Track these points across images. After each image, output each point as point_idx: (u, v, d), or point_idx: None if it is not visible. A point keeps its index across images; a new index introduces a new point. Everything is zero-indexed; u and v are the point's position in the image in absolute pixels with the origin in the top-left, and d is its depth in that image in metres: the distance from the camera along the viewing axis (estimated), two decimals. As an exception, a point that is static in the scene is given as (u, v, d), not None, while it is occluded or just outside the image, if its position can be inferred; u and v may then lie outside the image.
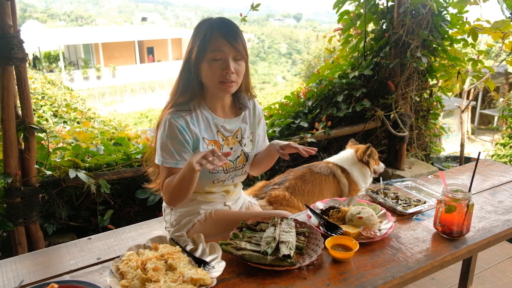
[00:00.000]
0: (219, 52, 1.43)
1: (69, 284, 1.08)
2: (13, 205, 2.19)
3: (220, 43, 1.43)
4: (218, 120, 1.58)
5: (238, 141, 1.64)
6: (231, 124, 1.62)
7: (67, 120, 5.40)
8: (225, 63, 1.44)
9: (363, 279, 1.11)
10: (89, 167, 2.54)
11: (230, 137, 1.61)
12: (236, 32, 1.47)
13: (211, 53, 1.44)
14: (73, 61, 26.49)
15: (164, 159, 1.47)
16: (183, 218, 1.65)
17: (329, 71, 3.88)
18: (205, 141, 1.54)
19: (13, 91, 2.11)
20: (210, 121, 1.56)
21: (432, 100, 4.08)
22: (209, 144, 1.55)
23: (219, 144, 1.58)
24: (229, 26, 1.47)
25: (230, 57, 1.44)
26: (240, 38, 1.47)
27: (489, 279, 2.29)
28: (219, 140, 1.58)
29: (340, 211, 1.44)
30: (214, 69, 1.45)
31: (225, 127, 1.60)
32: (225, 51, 1.43)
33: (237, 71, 1.47)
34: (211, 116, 1.57)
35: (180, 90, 1.53)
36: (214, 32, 1.44)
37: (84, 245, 1.92)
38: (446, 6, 3.48)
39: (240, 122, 1.65)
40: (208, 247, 1.23)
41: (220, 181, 1.60)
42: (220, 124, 1.58)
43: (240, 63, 1.48)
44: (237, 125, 1.64)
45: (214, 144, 1.57)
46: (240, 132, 1.64)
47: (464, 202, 1.29)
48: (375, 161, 2.72)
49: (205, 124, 1.55)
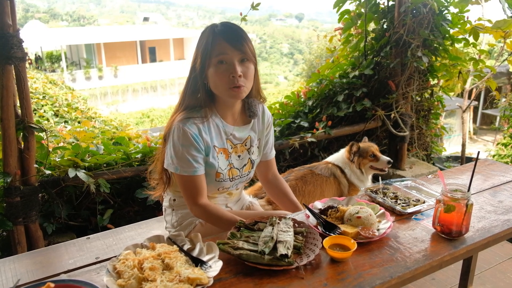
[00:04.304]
0: (224, 55, 1.39)
1: (66, 283, 1.08)
2: (13, 205, 2.19)
3: (223, 46, 1.39)
4: (228, 127, 1.54)
5: (246, 149, 1.61)
6: (241, 132, 1.58)
7: (68, 120, 5.41)
8: (231, 66, 1.39)
9: (361, 279, 1.11)
10: (88, 167, 2.54)
11: (239, 145, 1.58)
12: (240, 34, 1.42)
13: (215, 58, 1.39)
14: (75, 61, 26.54)
15: (182, 168, 1.43)
16: (184, 219, 1.64)
17: (329, 70, 3.87)
18: (216, 149, 1.51)
19: (13, 90, 2.11)
20: (220, 128, 1.53)
21: (433, 100, 4.06)
22: (219, 152, 1.52)
23: (228, 152, 1.55)
24: (232, 29, 1.44)
25: (235, 60, 1.39)
26: (245, 40, 1.42)
27: (489, 280, 2.28)
28: (228, 148, 1.55)
29: (338, 210, 1.43)
30: (220, 75, 1.40)
31: (235, 135, 1.56)
32: (230, 54, 1.39)
33: (245, 74, 1.42)
34: (221, 123, 1.53)
35: (187, 100, 1.49)
36: (217, 36, 1.40)
37: (82, 245, 1.92)
38: (447, 6, 3.47)
39: (249, 130, 1.62)
40: (206, 246, 1.22)
41: (225, 188, 1.59)
42: (229, 132, 1.55)
43: (247, 65, 1.43)
44: (247, 133, 1.60)
45: (223, 152, 1.54)
46: (250, 140, 1.61)
47: (463, 201, 1.28)
48: (367, 158, 2.64)
49: (216, 131, 1.51)
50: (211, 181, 1.52)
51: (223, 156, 1.53)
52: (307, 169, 2.59)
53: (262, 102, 1.66)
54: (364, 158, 2.63)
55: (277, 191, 1.77)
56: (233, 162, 1.57)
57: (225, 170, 1.54)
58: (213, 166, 1.50)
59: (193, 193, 1.45)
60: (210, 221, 1.49)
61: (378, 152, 2.68)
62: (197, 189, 1.45)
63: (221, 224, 1.45)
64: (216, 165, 1.50)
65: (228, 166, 1.55)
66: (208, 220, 1.50)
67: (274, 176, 1.78)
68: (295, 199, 1.74)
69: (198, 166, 1.44)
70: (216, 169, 1.51)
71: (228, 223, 1.42)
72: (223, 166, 1.53)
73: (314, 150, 3.65)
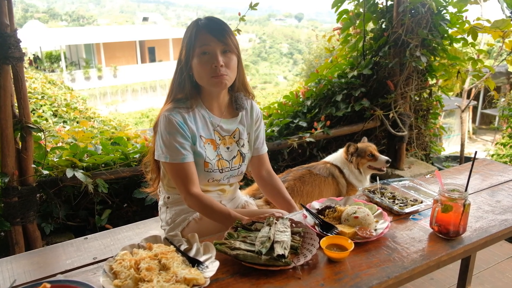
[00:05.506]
0: (207, 46, 1.46)
1: (62, 284, 1.07)
2: (10, 205, 2.19)
3: (206, 38, 1.46)
4: (214, 119, 1.59)
5: (235, 141, 1.64)
6: (228, 124, 1.62)
7: (66, 120, 5.41)
8: (213, 57, 1.45)
9: (358, 279, 1.11)
10: (86, 167, 2.54)
11: (227, 136, 1.62)
12: (222, 27, 1.49)
13: (199, 48, 1.46)
14: (74, 61, 26.52)
15: (171, 157, 1.46)
16: (178, 216, 1.65)
17: (328, 70, 3.86)
18: (202, 139, 1.55)
19: (10, 90, 2.11)
20: (207, 119, 1.57)
21: (431, 99, 4.06)
22: (206, 143, 1.55)
23: (215, 143, 1.59)
24: (215, 22, 1.50)
25: (218, 50, 1.46)
26: (228, 33, 1.49)
27: (488, 279, 2.28)
28: (215, 139, 1.59)
29: (336, 210, 1.43)
30: (203, 65, 1.46)
31: (222, 127, 1.60)
32: (212, 45, 1.46)
33: (227, 64, 1.47)
34: (207, 114, 1.57)
35: (175, 91, 1.55)
36: (200, 29, 1.48)
37: (80, 245, 1.91)
38: (446, 5, 3.46)
39: (238, 123, 1.65)
40: (202, 246, 1.22)
41: (215, 180, 1.60)
42: (216, 123, 1.59)
43: (229, 56, 1.48)
44: (235, 125, 1.64)
45: (211, 142, 1.57)
46: (238, 132, 1.65)
47: (461, 201, 1.28)
48: (365, 158, 2.63)
49: (202, 122, 1.56)
50: (201, 170, 1.54)
51: (210, 146, 1.57)
52: (306, 169, 2.58)
53: (251, 98, 1.69)
54: (362, 158, 2.63)
55: (271, 188, 1.77)
56: (221, 154, 1.60)
57: (213, 161, 1.56)
58: (200, 155, 1.53)
59: (185, 182, 1.47)
60: (204, 212, 1.51)
61: (376, 151, 2.67)
62: (188, 177, 1.47)
63: (214, 215, 1.47)
64: (204, 154, 1.53)
65: (216, 157, 1.58)
66: (202, 210, 1.51)
67: (268, 173, 1.79)
68: (289, 197, 1.75)
69: (186, 153, 1.47)
70: (204, 158, 1.53)
71: (221, 214, 1.44)
72: (211, 156, 1.56)
73: (312, 150, 3.65)
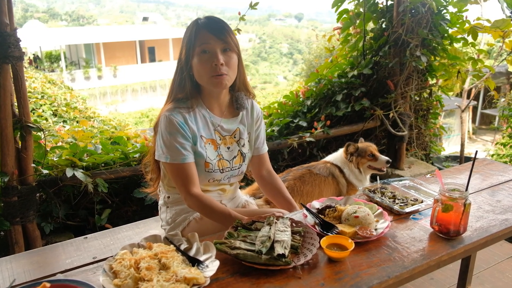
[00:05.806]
0: (206, 45, 1.45)
1: (62, 283, 1.07)
2: (10, 204, 2.18)
3: (206, 36, 1.46)
4: (215, 119, 1.58)
5: (236, 141, 1.63)
6: (229, 124, 1.62)
7: (66, 120, 5.41)
8: (213, 55, 1.45)
9: (358, 279, 1.10)
10: (86, 166, 2.54)
11: (228, 136, 1.61)
12: (222, 26, 1.48)
13: (199, 47, 1.45)
14: (74, 61, 26.51)
15: (172, 157, 1.46)
16: (178, 216, 1.64)
17: (328, 70, 3.86)
18: (203, 139, 1.54)
19: (10, 89, 2.10)
20: (207, 119, 1.57)
21: (431, 99, 4.06)
22: (207, 143, 1.55)
23: (216, 143, 1.58)
24: (215, 21, 1.49)
25: (218, 49, 1.45)
26: (228, 31, 1.48)
27: (488, 279, 2.28)
28: (216, 139, 1.58)
29: (336, 210, 1.43)
30: (203, 63, 1.45)
31: (222, 127, 1.60)
32: (212, 43, 1.45)
33: (228, 63, 1.47)
34: (208, 114, 1.57)
35: (175, 91, 1.54)
36: (200, 28, 1.47)
37: (80, 244, 1.91)
38: (446, 5, 3.46)
39: (238, 123, 1.65)
40: (203, 246, 1.22)
41: (215, 180, 1.60)
42: (217, 123, 1.59)
43: (230, 54, 1.48)
44: (235, 125, 1.64)
45: (211, 142, 1.57)
46: (239, 132, 1.64)
47: (461, 201, 1.28)
48: (365, 158, 2.63)
49: (202, 122, 1.55)
50: (201, 171, 1.54)
51: (211, 146, 1.56)
52: (306, 169, 2.58)
53: (251, 97, 1.69)
54: (362, 158, 2.63)
55: (271, 187, 1.77)
56: (222, 154, 1.59)
57: (214, 161, 1.56)
58: (201, 155, 1.52)
59: (185, 182, 1.46)
60: (204, 212, 1.50)
61: (376, 151, 2.67)
62: (188, 178, 1.46)
63: (214, 215, 1.46)
64: (205, 154, 1.53)
65: (217, 157, 1.57)
66: (202, 211, 1.51)
67: (268, 172, 1.79)
68: (289, 197, 1.74)
69: (187, 153, 1.47)
70: (204, 158, 1.53)
71: (221, 214, 1.44)
72: (212, 156, 1.55)
73: (312, 150, 3.65)
